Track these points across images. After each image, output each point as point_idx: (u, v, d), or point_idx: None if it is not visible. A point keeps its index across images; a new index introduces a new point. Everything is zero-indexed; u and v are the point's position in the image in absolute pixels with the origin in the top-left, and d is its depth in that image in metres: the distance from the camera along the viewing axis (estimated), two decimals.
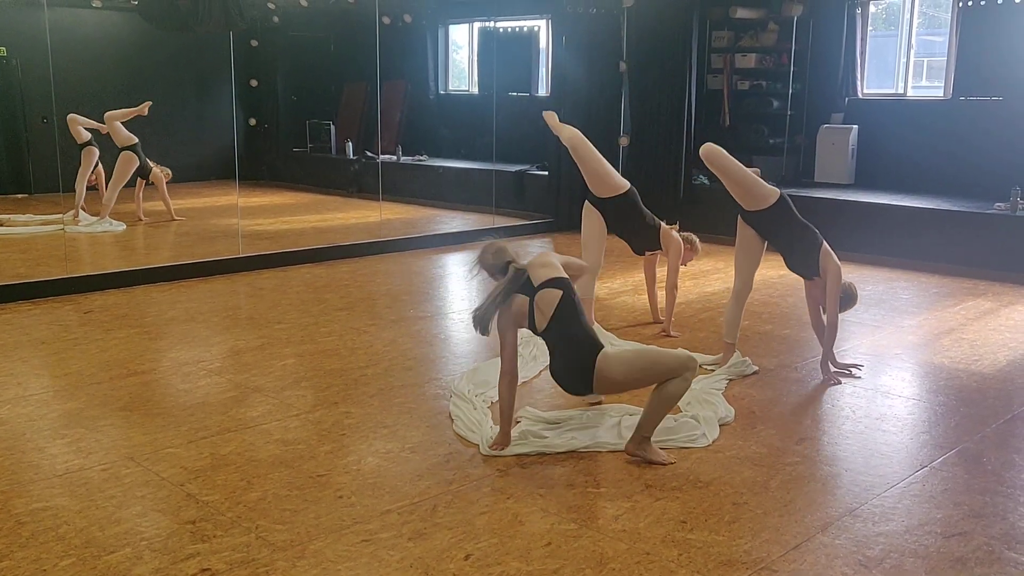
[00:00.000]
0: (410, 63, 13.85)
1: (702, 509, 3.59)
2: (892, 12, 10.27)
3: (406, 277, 8.14)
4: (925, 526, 3.49)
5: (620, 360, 3.95)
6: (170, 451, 4.11)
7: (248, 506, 3.57)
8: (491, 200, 10.95)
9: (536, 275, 4.01)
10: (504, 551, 3.25)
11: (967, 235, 8.22)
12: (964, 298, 7.28)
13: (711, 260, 8.89)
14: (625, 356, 4.02)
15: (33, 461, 4.00)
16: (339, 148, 13.91)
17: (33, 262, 8.13)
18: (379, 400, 4.81)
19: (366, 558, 3.19)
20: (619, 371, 3.90)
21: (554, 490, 3.75)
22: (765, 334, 6.15)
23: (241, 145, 12.24)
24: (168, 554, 3.20)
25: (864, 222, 8.86)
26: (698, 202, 10.17)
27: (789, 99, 10.06)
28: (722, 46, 10.51)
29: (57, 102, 9.04)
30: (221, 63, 9.97)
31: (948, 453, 4.19)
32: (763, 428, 4.47)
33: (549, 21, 11.72)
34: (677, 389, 3.89)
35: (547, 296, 3.96)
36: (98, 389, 4.96)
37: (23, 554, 3.20)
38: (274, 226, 10.38)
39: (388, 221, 10.65)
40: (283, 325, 6.33)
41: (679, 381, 3.88)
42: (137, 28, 10.93)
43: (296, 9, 12.38)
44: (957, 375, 5.33)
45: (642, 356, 4.05)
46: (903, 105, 9.77)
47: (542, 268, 4.03)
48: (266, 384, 5.06)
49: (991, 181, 8.75)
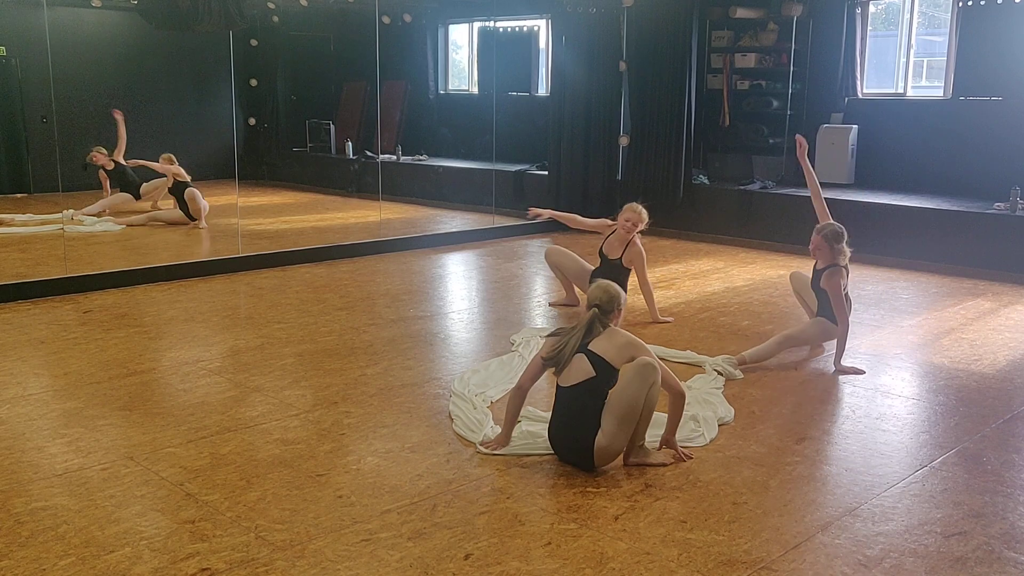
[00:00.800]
0: (410, 63, 13.85)
1: (702, 509, 3.59)
2: (892, 12, 10.27)
3: (406, 277, 8.14)
4: (925, 526, 3.49)
5: (611, 426, 3.80)
6: (169, 450, 4.11)
7: (248, 505, 3.57)
8: (491, 200, 10.95)
9: (598, 342, 3.88)
10: (504, 551, 3.25)
11: (967, 235, 8.22)
12: (964, 298, 7.28)
13: (710, 260, 8.90)
14: (608, 420, 3.83)
15: (32, 460, 4.00)
16: (339, 148, 13.91)
17: (32, 262, 8.12)
18: (379, 400, 4.81)
19: (366, 558, 3.19)
20: (619, 435, 3.81)
21: (554, 490, 3.75)
22: (765, 334, 6.14)
23: (241, 145, 12.26)
24: (167, 553, 3.20)
25: (864, 222, 8.85)
26: (697, 202, 10.18)
27: (789, 99, 10.06)
28: (722, 46, 10.50)
29: (56, 102, 9.04)
30: (221, 63, 10.00)
31: (948, 453, 4.19)
32: (763, 428, 4.47)
33: (549, 21, 11.72)
34: (653, 398, 3.86)
35: (581, 365, 3.85)
36: (97, 389, 4.95)
37: (23, 553, 3.20)
38: (274, 226, 10.38)
39: (388, 221, 10.65)
40: (283, 325, 6.33)
41: (653, 390, 3.84)
42: (137, 28, 10.95)
43: (296, 8, 12.38)
44: (957, 375, 5.33)
45: (616, 405, 3.84)
46: (903, 105, 9.77)
47: (609, 342, 3.88)
48: (266, 384, 5.06)
49: (991, 181, 8.76)
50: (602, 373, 3.84)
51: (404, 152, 13.28)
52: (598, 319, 3.94)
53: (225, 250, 8.63)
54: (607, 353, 3.86)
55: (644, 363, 3.83)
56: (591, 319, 3.93)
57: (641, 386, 3.80)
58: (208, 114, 13.13)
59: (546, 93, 11.94)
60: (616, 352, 3.87)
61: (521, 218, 10.99)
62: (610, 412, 3.82)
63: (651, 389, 3.83)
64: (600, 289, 4.01)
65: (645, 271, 6.47)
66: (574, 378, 3.87)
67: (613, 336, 3.92)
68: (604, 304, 3.95)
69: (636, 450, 3.96)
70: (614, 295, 3.99)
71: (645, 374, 3.80)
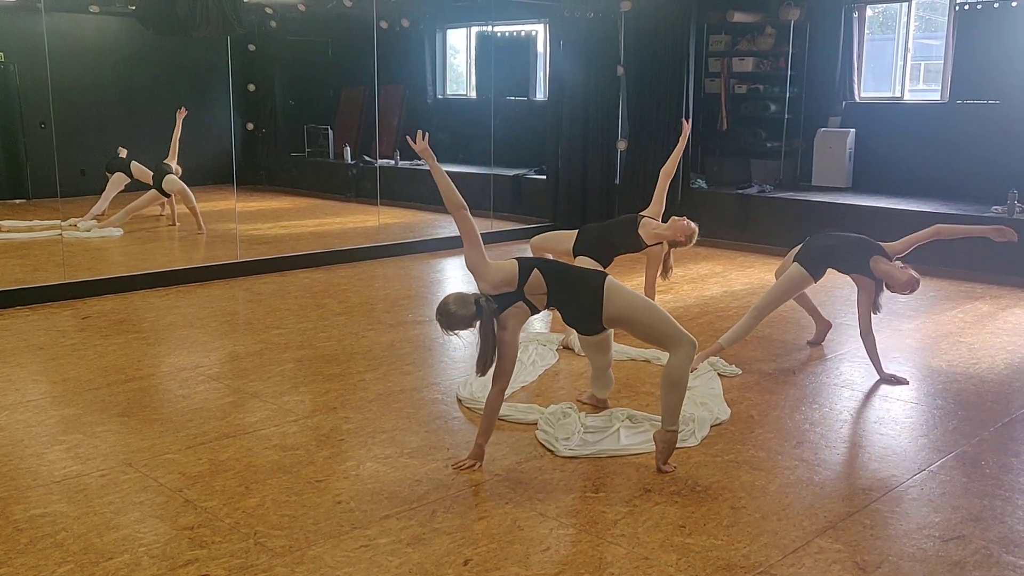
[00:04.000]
0: (408, 67, 13.86)
1: (700, 513, 3.59)
2: (889, 16, 10.29)
3: (404, 281, 8.14)
4: (923, 530, 3.49)
5: (628, 293, 4.03)
6: (168, 457, 4.11)
7: (247, 512, 3.57)
8: (489, 204, 10.95)
9: (500, 281, 3.90)
10: (503, 556, 3.25)
11: (964, 238, 8.21)
12: (962, 301, 7.29)
13: (708, 264, 8.91)
14: (633, 294, 4.07)
15: (31, 467, 3.99)
16: (337, 152, 13.91)
17: (31, 267, 8.12)
18: (378, 405, 4.81)
19: (365, 563, 3.19)
20: (626, 300, 3.98)
21: (552, 495, 3.75)
22: (765, 337, 6.15)
23: (239, 150, 12.25)
24: (166, 560, 3.20)
25: (861, 225, 8.81)
26: (695, 206, 10.18)
27: (787, 103, 10.08)
28: (720, 50, 10.51)
29: (55, 107, 9.04)
30: (219, 68, 9.99)
31: (946, 457, 4.20)
32: (761, 432, 4.47)
33: (547, 25, 11.74)
34: (680, 370, 3.89)
35: (532, 283, 3.93)
36: (96, 395, 4.95)
37: (21, 560, 3.20)
38: (272, 231, 10.38)
39: (386, 225, 10.65)
40: (281, 330, 6.33)
41: (681, 359, 3.88)
42: (135, 33, 10.90)
43: (294, 13, 12.39)
44: (955, 378, 5.33)
45: (648, 302, 4.09)
46: (900, 109, 9.79)
47: (499, 272, 3.93)
48: (264, 389, 5.06)
49: (988, 184, 8.77)
50: (529, 266, 3.97)
51: (402, 157, 13.28)
52: (485, 302, 3.83)
53: (223, 255, 8.64)
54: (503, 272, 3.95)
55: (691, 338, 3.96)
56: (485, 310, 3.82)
57: (677, 338, 3.93)
58: (206, 119, 13.11)
59: (544, 97, 11.95)
60: (499, 267, 3.95)
61: (519, 222, 11.01)
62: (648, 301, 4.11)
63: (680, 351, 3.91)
64: (446, 309, 3.88)
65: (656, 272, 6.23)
66: (541, 293, 3.96)
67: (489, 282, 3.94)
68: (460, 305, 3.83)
69: (669, 440, 3.95)
70: (453, 297, 3.88)
71: (686, 339, 3.94)
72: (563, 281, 4.04)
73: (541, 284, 3.95)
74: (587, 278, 4.11)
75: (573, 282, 4.09)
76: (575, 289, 4.06)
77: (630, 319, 4.01)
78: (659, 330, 3.97)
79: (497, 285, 3.91)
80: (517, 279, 3.91)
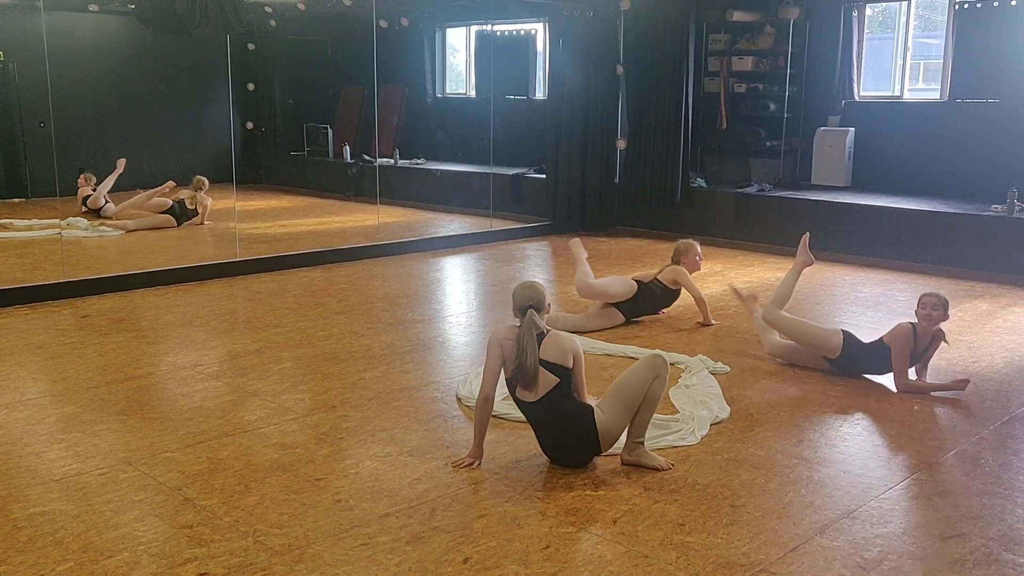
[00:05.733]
0: (407, 66, 13.85)
1: (700, 512, 3.59)
2: (888, 15, 10.29)
3: (404, 280, 8.14)
4: (923, 528, 3.49)
5: (611, 405, 3.91)
6: (167, 455, 4.10)
7: (246, 510, 3.57)
8: (488, 203, 10.95)
9: (547, 350, 3.88)
10: (502, 554, 3.25)
11: (964, 237, 8.23)
12: (961, 300, 7.29)
13: (708, 263, 8.88)
14: (609, 399, 3.94)
15: (30, 466, 3.99)
16: (336, 152, 13.91)
17: (30, 266, 8.12)
18: (377, 403, 4.81)
19: (364, 562, 3.19)
20: (616, 414, 3.88)
21: (552, 493, 3.75)
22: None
23: (238, 149, 12.25)
24: (166, 558, 3.19)
25: (861, 224, 8.88)
26: (695, 205, 10.19)
27: (786, 102, 10.08)
28: (719, 49, 10.52)
29: (54, 106, 9.04)
30: (218, 67, 9.99)
31: (946, 455, 4.20)
32: (761, 430, 4.47)
33: (546, 24, 11.73)
34: (656, 391, 3.91)
35: (544, 377, 3.87)
36: (95, 393, 4.95)
37: (21, 559, 3.19)
38: (271, 230, 10.38)
39: (385, 224, 10.65)
40: (281, 329, 6.33)
41: (657, 383, 3.90)
42: (134, 32, 10.93)
43: (293, 12, 12.38)
44: (955, 377, 5.33)
45: (619, 386, 3.96)
46: (899, 107, 9.79)
47: (555, 347, 3.89)
48: (264, 388, 5.06)
49: (987, 183, 8.77)
50: (563, 376, 3.88)
51: (402, 156, 13.28)
52: (535, 318, 3.91)
53: (223, 254, 8.63)
54: (560, 357, 3.88)
55: (655, 354, 4.01)
56: (530, 321, 3.89)
57: (648, 374, 3.88)
58: (205, 118, 13.14)
59: (544, 97, 11.95)
60: (564, 354, 3.90)
61: (518, 221, 11.01)
62: (611, 392, 3.95)
63: (655, 381, 3.88)
64: (525, 288, 4.02)
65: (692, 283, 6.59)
66: (541, 390, 3.87)
67: (557, 340, 3.92)
68: (536, 302, 3.95)
69: (634, 447, 3.96)
70: (539, 289, 4.02)
71: (655, 363, 3.92)
72: (555, 402, 3.88)
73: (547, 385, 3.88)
74: (580, 414, 3.91)
75: (563, 412, 3.90)
76: (566, 420, 3.91)
77: (623, 424, 3.94)
78: (639, 390, 3.89)
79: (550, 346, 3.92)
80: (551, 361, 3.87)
